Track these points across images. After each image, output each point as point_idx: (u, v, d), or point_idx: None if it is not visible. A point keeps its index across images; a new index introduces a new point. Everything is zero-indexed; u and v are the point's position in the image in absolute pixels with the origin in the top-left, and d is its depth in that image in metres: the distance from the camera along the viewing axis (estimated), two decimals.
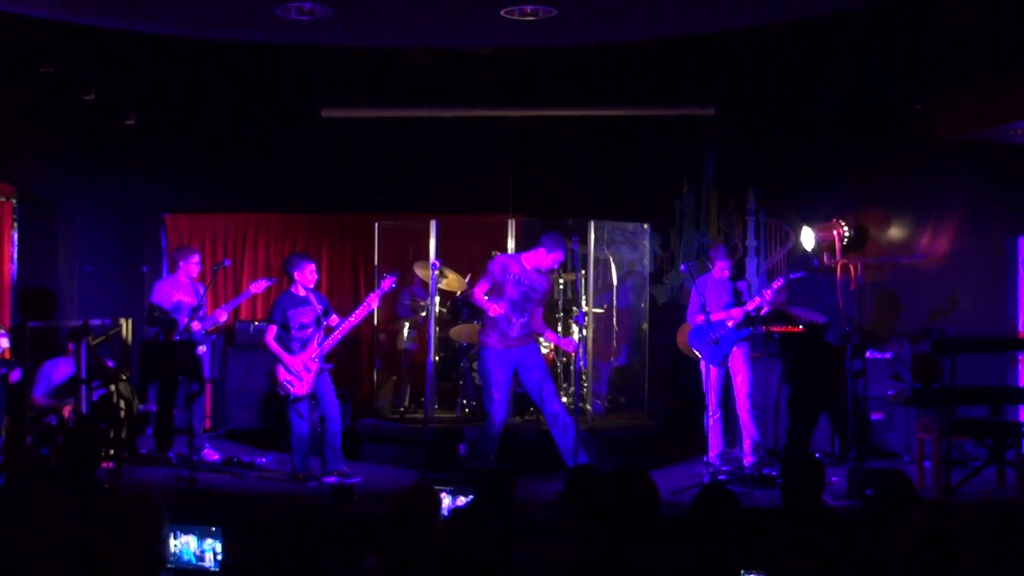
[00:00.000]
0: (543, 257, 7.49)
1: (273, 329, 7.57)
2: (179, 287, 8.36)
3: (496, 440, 7.54)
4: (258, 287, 8.35)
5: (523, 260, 7.55)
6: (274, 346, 7.55)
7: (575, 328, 8.07)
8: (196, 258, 8.50)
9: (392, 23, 7.19)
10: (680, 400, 9.44)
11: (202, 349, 8.09)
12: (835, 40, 8.73)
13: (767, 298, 7.70)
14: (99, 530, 3.21)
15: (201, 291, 8.34)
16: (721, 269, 7.93)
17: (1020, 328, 8.47)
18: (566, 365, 9.09)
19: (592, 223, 9.23)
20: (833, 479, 7.09)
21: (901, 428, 8.52)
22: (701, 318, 7.73)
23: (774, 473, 7.25)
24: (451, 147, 10.02)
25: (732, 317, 7.68)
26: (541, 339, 7.87)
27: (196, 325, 7.97)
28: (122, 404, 7.83)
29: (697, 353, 7.90)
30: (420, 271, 9.38)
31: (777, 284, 7.73)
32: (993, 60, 7.76)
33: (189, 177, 10.25)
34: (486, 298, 7.45)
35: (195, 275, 8.47)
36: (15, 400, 7.30)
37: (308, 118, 9.79)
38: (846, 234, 9.15)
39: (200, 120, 10.02)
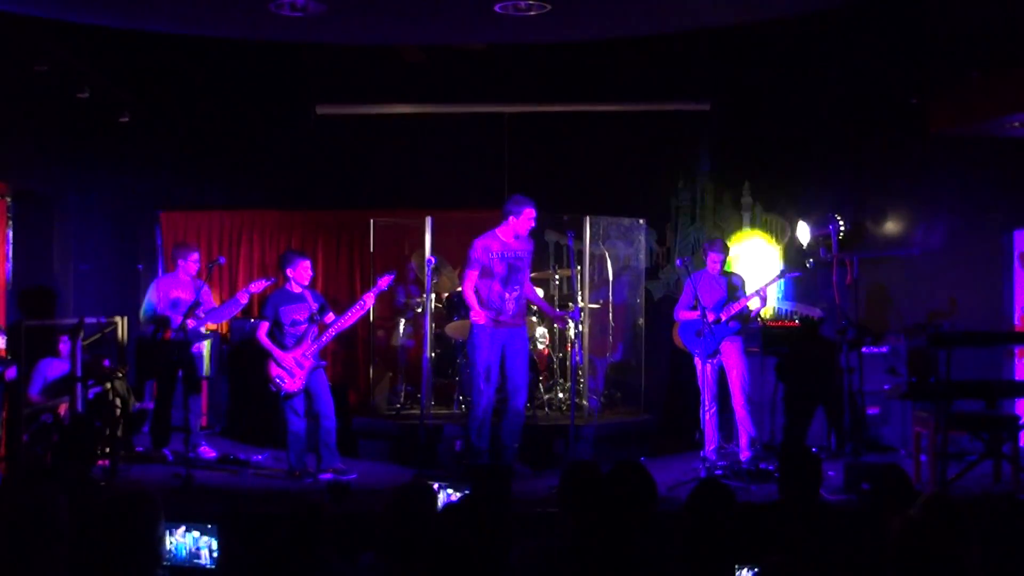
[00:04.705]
0: (516, 225, 7.52)
1: (265, 325, 7.57)
2: (178, 284, 8.37)
3: (486, 428, 7.51)
4: (257, 287, 8.34)
5: (499, 234, 7.58)
6: (265, 341, 7.53)
7: (571, 324, 8.05)
8: (195, 256, 8.51)
9: (386, 19, 7.18)
10: (676, 395, 9.44)
11: (199, 347, 8.08)
12: (831, 34, 8.73)
13: (763, 294, 7.70)
14: (95, 528, 3.21)
15: (201, 288, 8.34)
16: (713, 262, 7.91)
17: (1016, 322, 8.48)
18: (562, 360, 9.09)
19: (587, 219, 9.23)
20: (830, 473, 7.09)
21: (897, 422, 8.51)
22: (687, 313, 7.73)
23: (771, 468, 7.25)
24: (446, 143, 10.01)
25: (725, 312, 7.66)
26: (536, 337, 7.78)
27: (191, 322, 7.97)
28: (117, 402, 7.82)
29: (687, 347, 7.90)
30: (418, 265, 9.35)
31: (773, 282, 7.72)
32: (989, 54, 7.76)
33: (184, 174, 10.25)
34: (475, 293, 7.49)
35: (194, 273, 8.48)
36: (11, 398, 7.29)
37: (303, 115, 9.80)
38: (842, 228, 9.14)
39: (195, 117, 10.02)
